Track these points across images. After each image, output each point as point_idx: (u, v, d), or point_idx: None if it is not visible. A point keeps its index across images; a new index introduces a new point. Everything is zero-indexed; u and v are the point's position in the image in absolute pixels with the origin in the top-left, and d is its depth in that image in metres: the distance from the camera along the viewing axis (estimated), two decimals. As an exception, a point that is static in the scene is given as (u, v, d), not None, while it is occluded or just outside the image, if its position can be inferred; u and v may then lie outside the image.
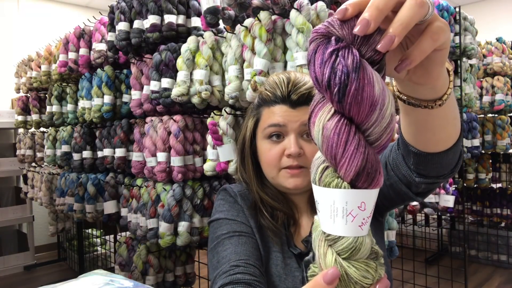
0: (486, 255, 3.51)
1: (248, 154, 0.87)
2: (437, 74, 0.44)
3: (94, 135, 2.35)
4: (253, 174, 0.86)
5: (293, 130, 0.78)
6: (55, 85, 2.73)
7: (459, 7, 2.42)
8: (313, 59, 0.36)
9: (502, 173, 3.58)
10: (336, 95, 0.33)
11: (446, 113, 0.53)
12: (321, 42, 0.36)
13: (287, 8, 1.32)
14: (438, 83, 0.47)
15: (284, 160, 0.79)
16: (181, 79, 1.60)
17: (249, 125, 0.87)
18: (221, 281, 0.67)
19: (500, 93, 3.14)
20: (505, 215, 3.45)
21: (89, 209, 2.28)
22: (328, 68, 0.34)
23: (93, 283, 0.76)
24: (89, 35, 2.37)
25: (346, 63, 0.33)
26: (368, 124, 0.34)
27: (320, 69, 0.35)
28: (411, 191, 0.70)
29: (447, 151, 0.60)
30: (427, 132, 0.56)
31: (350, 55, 0.33)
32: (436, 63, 0.42)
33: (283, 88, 0.80)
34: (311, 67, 0.36)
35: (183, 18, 1.80)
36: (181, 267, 2.10)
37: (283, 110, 0.80)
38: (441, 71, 0.44)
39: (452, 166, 0.64)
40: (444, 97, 0.49)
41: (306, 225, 0.84)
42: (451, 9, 2.35)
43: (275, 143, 0.80)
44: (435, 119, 0.53)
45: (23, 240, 3.72)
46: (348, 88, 0.33)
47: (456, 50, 2.40)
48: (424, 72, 0.43)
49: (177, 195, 1.73)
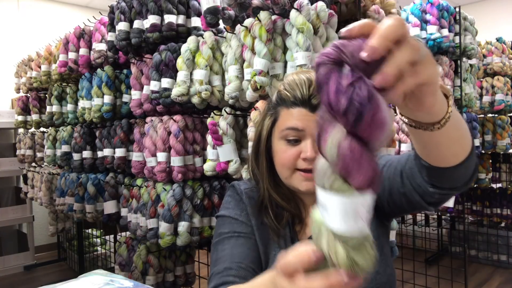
0: (486, 255, 3.51)
1: (263, 152, 0.86)
2: (430, 103, 0.47)
3: (94, 135, 2.35)
4: (266, 172, 0.86)
5: (311, 135, 0.78)
6: (55, 85, 2.73)
7: (459, 7, 2.41)
8: (326, 85, 0.38)
9: (502, 173, 3.58)
10: (352, 122, 0.37)
11: (449, 134, 0.55)
12: (333, 69, 0.38)
13: (287, 8, 1.32)
14: (432, 110, 0.49)
15: (300, 163, 0.79)
16: (181, 79, 1.60)
17: (266, 123, 0.86)
18: (214, 281, 0.76)
19: (500, 93, 3.14)
20: (505, 215, 3.45)
21: (89, 209, 2.28)
22: (345, 100, 0.37)
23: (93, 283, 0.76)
24: (89, 35, 2.37)
25: (363, 94, 0.37)
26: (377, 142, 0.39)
27: (335, 97, 0.37)
28: (424, 201, 0.70)
29: (458, 166, 0.60)
30: (433, 150, 0.59)
31: (365, 86, 0.37)
32: (425, 94, 0.45)
33: (303, 91, 0.79)
34: (324, 92, 0.38)
35: (183, 18, 1.80)
36: (181, 267, 2.10)
37: (302, 113, 0.78)
38: (433, 101, 0.47)
39: (467, 179, 0.64)
40: (442, 121, 0.52)
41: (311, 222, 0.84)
42: (451, 9, 2.35)
43: (291, 145, 0.80)
44: (439, 139, 0.55)
45: (23, 240, 3.72)
46: (363, 117, 0.37)
47: (456, 50, 2.39)
48: (416, 101, 0.47)
49: (177, 195, 1.73)
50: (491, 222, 3.53)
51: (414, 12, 2.30)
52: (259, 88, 1.31)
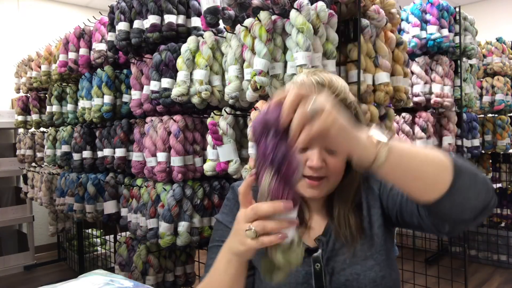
0: (486, 255, 3.51)
1: None
2: (344, 149, 0.61)
3: (94, 135, 2.35)
4: None
5: (318, 144, 0.77)
6: (55, 85, 2.73)
7: (459, 7, 2.42)
8: (259, 144, 0.60)
9: (502, 173, 3.58)
10: (276, 170, 0.58)
11: (398, 173, 0.62)
12: (263, 132, 0.59)
13: (287, 8, 1.32)
14: (354, 154, 0.61)
15: (306, 170, 0.78)
16: (181, 79, 1.60)
17: None
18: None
19: (500, 93, 3.14)
20: (505, 215, 3.45)
21: (89, 209, 2.28)
22: (270, 156, 0.58)
23: (93, 283, 0.76)
24: (89, 35, 2.37)
25: (281, 153, 0.57)
26: (293, 181, 0.59)
27: (264, 154, 0.58)
28: (437, 230, 0.72)
29: (438, 201, 0.62)
30: (400, 185, 0.65)
31: (283, 146, 0.58)
32: (335, 140, 0.59)
33: None
34: (261, 146, 0.59)
35: (183, 18, 1.80)
36: (181, 267, 2.10)
37: None
38: (348, 145, 0.59)
39: (475, 213, 0.63)
40: (375, 163, 0.60)
41: (316, 226, 0.86)
42: (451, 9, 2.36)
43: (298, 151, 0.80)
44: (392, 178, 0.63)
45: (23, 240, 3.72)
46: (282, 167, 0.58)
47: (456, 50, 2.40)
48: (334, 146, 0.64)
49: (177, 195, 1.73)
50: (491, 222, 3.53)
51: (414, 12, 2.30)
52: (259, 88, 1.31)
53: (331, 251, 0.82)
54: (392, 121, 1.60)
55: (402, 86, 1.60)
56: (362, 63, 1.44)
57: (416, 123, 2.23)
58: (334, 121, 0.56)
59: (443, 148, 2.31)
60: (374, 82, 1.50)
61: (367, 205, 0.85)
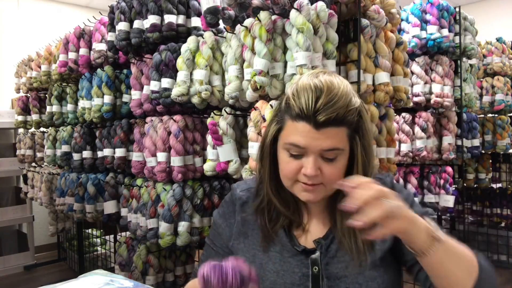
0: (486, 255, 3.51)
1: (267, 156, 0.84)
2: (408, 242, 0.68)
3: (94, 135, 2.35)
4: (268, 176, 0.85)
5: (313, 153, 0.75)
6: (55, 85, 2.73)
7: (459, 7, 2.42)
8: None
9: (502, 173, 3.58)
10: None
11: (438, 267, 0.68)
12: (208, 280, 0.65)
13: (287, 8, 1.32)
14: (408, 237, 0.67)
15: (301, 176, 0.77)
16: (181, 79, 1.60)
17: (272, 130, 0.82)
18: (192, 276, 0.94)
19: (500, 93, 3.14)
20: (505, 215, 3.45)
21: (89, 209, 2.28)
22: None
23: (93, 283, 0.76)
24: (89, 35, 2.37)
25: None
26: None
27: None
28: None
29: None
30: (430, 274, 0.71)
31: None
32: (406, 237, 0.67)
33: (309, 104, 0.73)
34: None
35: (183, 18, 1.80)
36: (181, 267, 2.10)
37: (306, 130, 0.74)
38: (407, 231, 0.66)
39: None
40: (423, 253, 0.67)
41: (316, 229, 0.85)
42: (451, 9, 2.35)
43: (294, 158, 0.77)
44: (430, 267, 0.69)
45: (23, 240, 3.72)
46: None
47: (456, 50, 2.40)
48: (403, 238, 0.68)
49: (177, 195, 1.73)
50: (491, 222, 3.52)
51: (414, 12, 2.30)
52: (259, 88, 1.31)
53: (332, 258, 0.80)
54: (392, 121, 1.60)
55: (402, 86, 1.60)
56: (362, 63, 1.44)
57: (416, 123, 2.24)
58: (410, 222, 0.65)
59: (443, 148, 2.31)
60: (374, 82, 1.50)
61: None
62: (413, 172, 2.23)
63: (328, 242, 0.82)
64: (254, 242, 0.86)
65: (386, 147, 1.54)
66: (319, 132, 0.73)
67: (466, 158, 2.56)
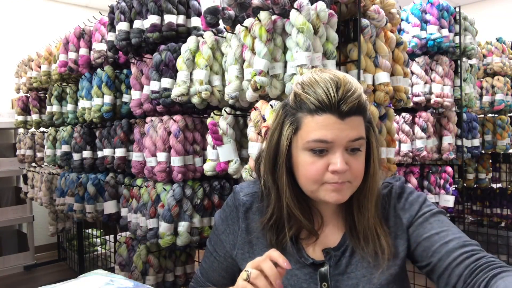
0: (486, 255, 3.51)
1: (284, 165, 0.76)
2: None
3: (94, 135, 2.35)
4: (287, 187, 0.77)
5: (340, 146, 0.71)
6: (55, 85, 2.73)
7: (459, 7, 2.41)
8: None
9: (502, 173, 3.58)
10: None
11: None
12: None
13: (287, 8, 1.32)
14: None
15: (328, 176, 0.72)
16: (181, 79, 1.60)
17: (286, 133, 0.75)
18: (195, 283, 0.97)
19: (500, 93, 3.14)
20: (505, 215, 3.45)
21: (89, 209, 2.28)
22: None
23: (93, 283, 0.76)
24: (89, 35, 2.37)
25: None
26: None
27: None
28: None
29: None
30: None
31: None
32: None
33: (330, 94, 0.69)
34: None
35: (183, 18, 1.80)
36: (181, 267, 2.10)
37: (331, 122, 0.70)
38: None
39: None
40: None
41: (327, 236, 0.81)
42: (451, 9, 2.35)
43: (318, 156, 0.72)
44: None
45: (23, 240, 3.72)
46: None
47: (456, 50, 2.39)
48: None
49: (177, 195, 1.73)
50: (491, 222, 3.52)
51: (414, 12, 2.30)
52: (259, 88, 1.31)
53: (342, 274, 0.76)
54: (392, 121, 1.60)
55: (402, 86, 1.60)
56: (362, 63, 1.44)
57: (416, 123, 2.24)
58: None
59: (443, 148, 2.31)
60: (374, 82, 1.50)
61: (395, 234, 0.78)
62: (413, 172, 2.23)
63: (339, 254, 0.78)
64: (260, 253, 0.81)
65: (386, 147, 1.54)
66: (344, 122, 0.70)
67: (466, 158, 2.56)
